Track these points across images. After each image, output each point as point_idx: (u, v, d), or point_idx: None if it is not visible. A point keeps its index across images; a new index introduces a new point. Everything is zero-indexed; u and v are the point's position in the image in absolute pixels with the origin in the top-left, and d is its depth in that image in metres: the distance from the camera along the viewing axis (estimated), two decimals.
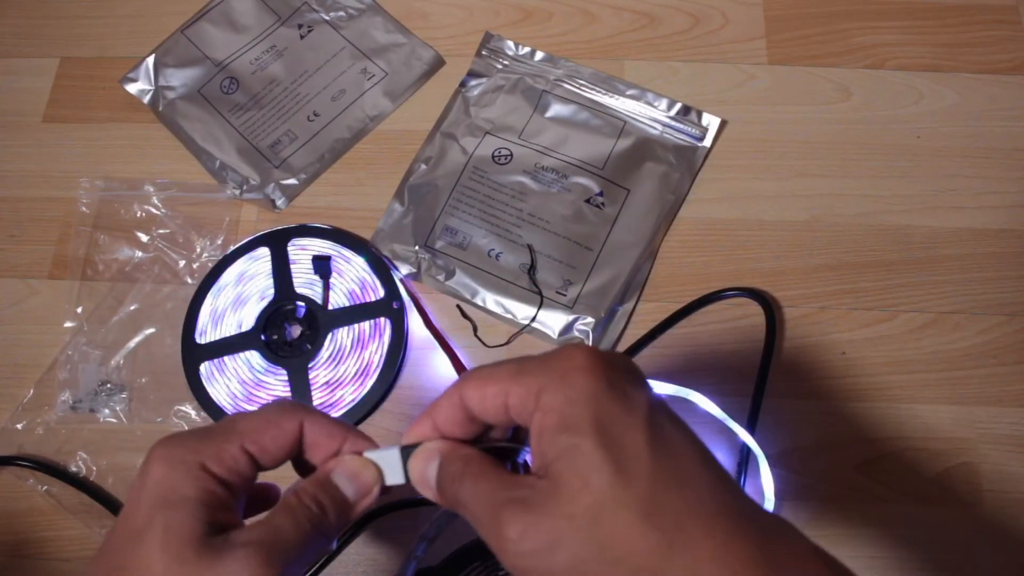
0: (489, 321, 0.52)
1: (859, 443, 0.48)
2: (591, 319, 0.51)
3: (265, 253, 0.53)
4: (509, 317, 0.52)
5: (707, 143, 0.56)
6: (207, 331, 0.52)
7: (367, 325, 0.51)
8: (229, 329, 0.52)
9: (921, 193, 0.54)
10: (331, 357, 0.50)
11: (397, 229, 0.55)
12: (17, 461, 0.50)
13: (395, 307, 0.51)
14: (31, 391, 0.52)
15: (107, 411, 0.51)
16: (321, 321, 0.51)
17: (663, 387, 0.47)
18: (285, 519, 0.27)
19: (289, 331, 0.51)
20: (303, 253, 0.53)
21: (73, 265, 0.55)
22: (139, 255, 0.55)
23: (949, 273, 0.52)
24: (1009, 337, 0.50)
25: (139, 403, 0.51)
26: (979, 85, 0.57)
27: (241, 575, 0.25)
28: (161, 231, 0.55)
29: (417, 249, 0.54)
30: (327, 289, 0.52)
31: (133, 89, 0.59)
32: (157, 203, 0.56)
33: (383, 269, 0.52)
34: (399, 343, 0.50)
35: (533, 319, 0.52)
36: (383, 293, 0.51)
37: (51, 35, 0.62)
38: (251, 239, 0.54)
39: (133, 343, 0.52)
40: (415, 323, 0.52)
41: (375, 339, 0.51)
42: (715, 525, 0.23)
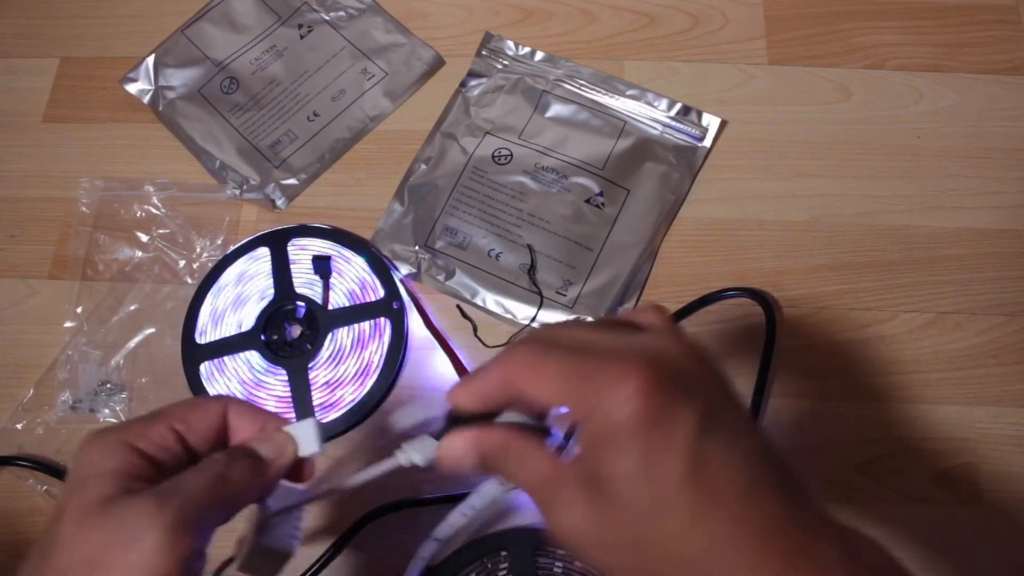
0: (489, 321, 0.52)
1: (859, 443, 0.48)
2: (591, 319, 0.51)
3: (265, 253, 0.53)
4: (509, 317, 0.52)
5: (707, 143, 0.56)
6: (207, 331, 0.52)
7: (367, 325, 0.51)
8: (229, 329, 0.52)
9: (921, 193, 0.54)
10: (331, 357, 0.50)
11: (397, 229, 0.55)
12: (17, 461, 0.50)
13: (395, 307, 0.51)
14: (31, 391, 0.52)
15: (107, 411, 0.51)
16: (321, 321, 0.51)
17: None
18: (189, 471, 0.29)
19: (289, 331, 0.51)
20: (303, 253, 0.53)
21: (73, 265, 0.55)
22: (139, 255, 0.55)
23: (949, 273, 0.52)
24: (1009, 337, 0.50)
25: (139, 403, 0.51)
26: (979, 85, 0.57)
27: (134, 521, 0.26)
28: (161, 231, 0.55)
29: (417, 249, 0.54)
30: (327, 289, 0.52)
31: (133, 89, 0.59)
32: (157, 203, 0.56)
33: (383, 269, 0.52)
34: (399, 343, 0.50)
35: (533, 319, 0.52)
36: (383, 293, 0.51)
37: (51, 35, 0.62)
38: (251, 239, 0.54)
39: (133, 343, 0.52)
40: (415, 323, 0.52)
41: (375, 339, 0.51)
42: (745, 550, 0.25)
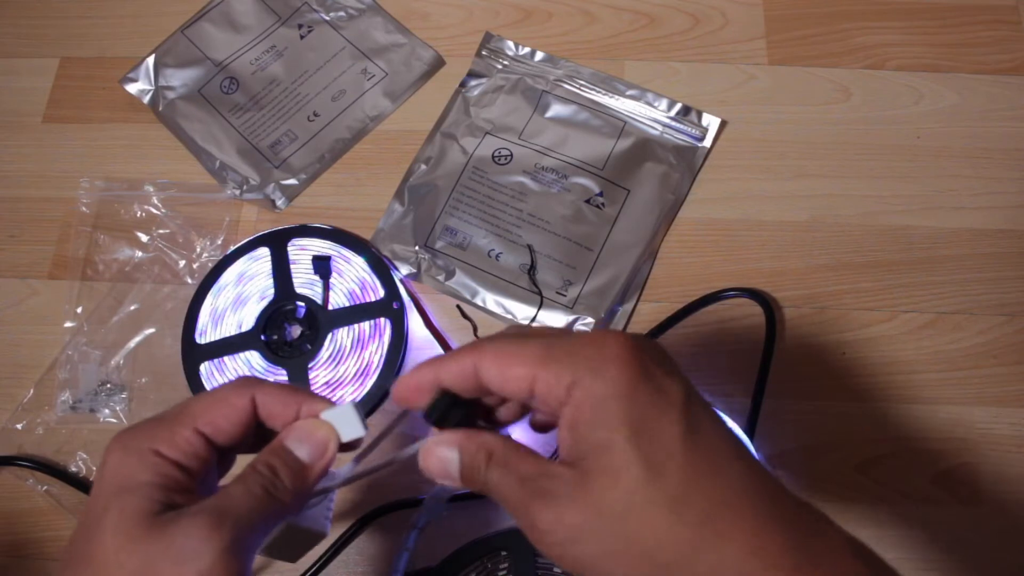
0: (489, 321, 0.52)
1: (859, 443, 0.48)
2: (591, 319, 0.51)
3: (265, 253, 0.53)
4: (509, 317, 0.52)
5: (707, 143, 0.56)
6: (207, 331, 0.52)
7: (367, 325, 0.51)
8: (229, 329, 0.52)
9: (921, 193, 0.54)
10: (331, 357, 0.50)
11: (397, 229, 0.55)
12: (17, 461, 0.50)
13: (395, 307, 0.51)
14: (31, 391, 0.52)
15: (107, 411, 0.51)
16: (321, 321, 0.51)
17: None
18: (236, 487, 0.28)
19: (289, 331, 0.51)
20: (303, 253, 0.53)
21: (73, 265, 0.55)
22: (139, 255, 0.55)
23: (949, 273, 0.52)
24: (1009, 337, 0.50)
25: (139, 403, 0.51)
26: (979, 85, 0.57)
27: (189, 542, 0.25)
28: (161, 231, 0.55)
29: (417, 249, 0.54)
30: (327, 289, 0.52)
31: (133, 89, 0.59)
32: (157, 203, 0.56)
33: (383, 269, 0.52)
34: (399, 343, 0.50)
35: (533, 319, 0.52)
36: (383, 293, 0.51)
37: (51, 35, 0.62)
38: (251, 239, 0.54)
39: (133, 343, 0.52)
40: (415, 323, 0.52)
41: (375, 339, 0.51)
42: (746, 517, 0.24)
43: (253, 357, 0.51)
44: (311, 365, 0.50)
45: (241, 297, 0.52)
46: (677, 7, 0.61)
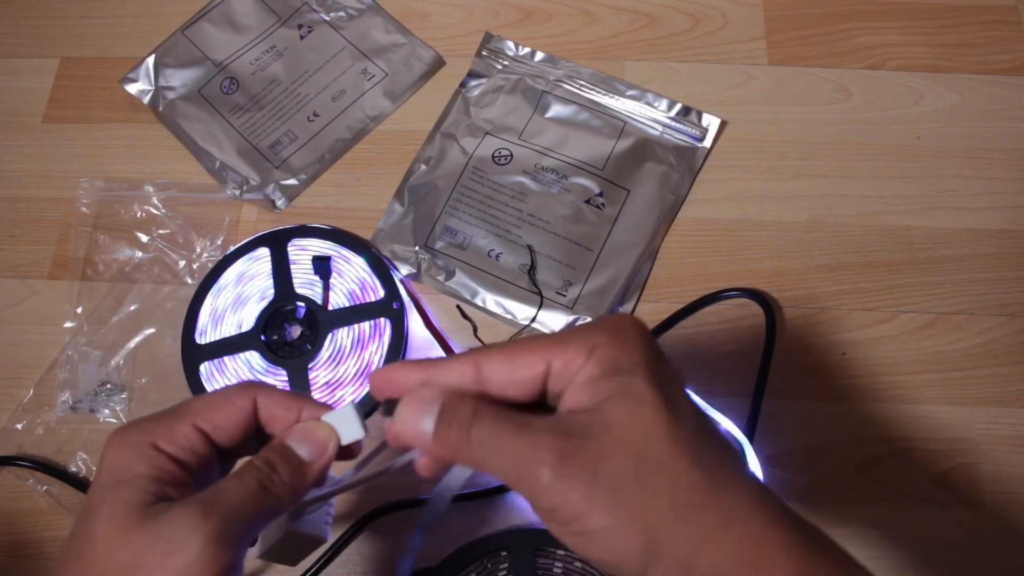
0: (489, 321, 0.52)
1: (859, 443, 0.48)
2: (591, 320, 0.51)
3: (265, 253, 0.53)
4: (509, 318, 0.52)
5: (707, 143, 0.56)
6: (207, 331, 0.52)
7: (367, 325, 0.51)
8: (229, 329, 0.52)
9: (921, 193, 0.54)
10: (331, 357, 0.50)
11: (397, 229, 0.55)
12: (17, 461, 0.50)
13: (395, 307, 0.51)
14: (31, 391, 0.52)
15: (107, 411, 0.51)
16: (321, 321, 0.51)
17: None
18: (230, 480, 0.28)
19: (289, 331, 0.51)
20: (303, 253, 0.53)
21: (73, 265, 0.55)
22: (139, 255, 0.55)
23: (949, 273, 0.52)
24: (1009, 337, 0.50)
25: (139, 403, 0.51)
26: (979, 85, 0.57)
27: (177, 533, 0.25)
28: (161, 231, 0.55)
29: (417, 249, 0.54)
30: (327, 289, 0.52)
31: (133, 89, 0.59)
32: (157, 203, 0.56)
33: (383, 269, 0.52)
34: (399, 343, 0.50)
35: (533, 320, 0.52)
36: (383, 293, 0.51)
37: (51, 35, 0.62)
38: (251, 239, 0.54)
39: (133, 343, 0.52)
40: (415, 323, 0.52)
41: (375, 339, 0.51)
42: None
43: (253, 357, 0.51)
44: (311, 365, 0.50)
45: (241, 297, 0.52)
46: (677, 7, 0.61)
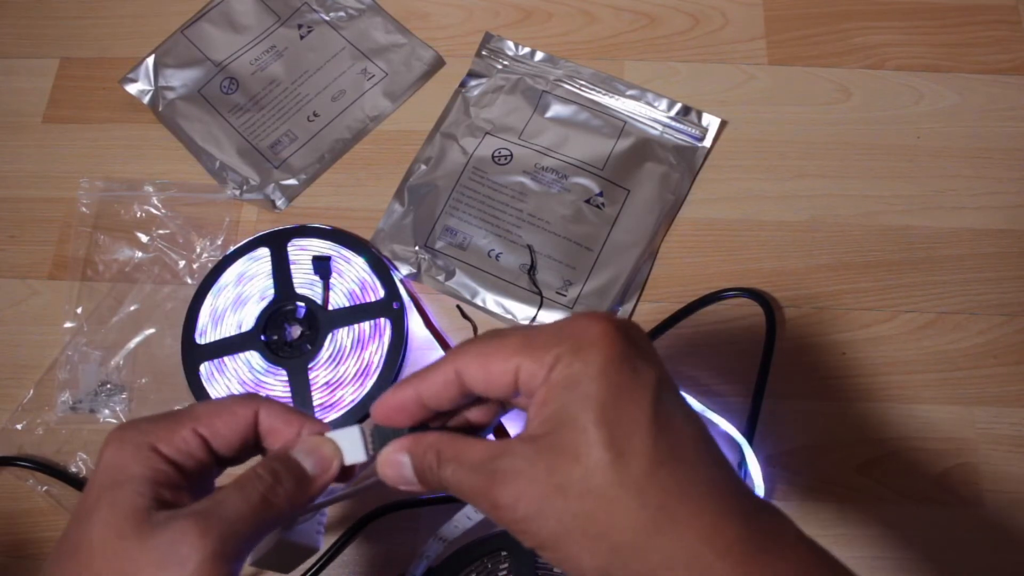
0: (489, 321, 0.52)
1: (859, 443, 0.48)
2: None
3: (265, 253, 0.53)
4: (509, 317, 0.52)
5: (707, 143, 0.56)
6: (207, 331, 0.52)
7: (367, 325, 0.51)
8: (229, 329, 0.52)
9: (921, 193, 0.54)
10: (331, 357, 0.50)
11: (397, 229, 0.55)
12: (17, 461, 0.50)
13: (395, 307, 0.51)
14: (31, 391, 0.52)
15: (107, 411, 0.51)
16: (321, 321, 0.51)
17: None
18: (233, 491, 0.27)
19: (289, 331, 0.51)
20: (303, 253, 0.53)
21: (73, 265, 0.55)
22: (139, 255, 0.55)
23: (949, 273, 0.52)
24: (1009, 337, 0.50)
25: (139, 403, 0.51)
26: (979, 85, 0.57)
27: (177, 545, 0.25)
28: (161, 231, 0.55)
29: (417, 249, 0.54)
30: (327, 289, 0.52)
31: (133, 89, 0.59)
32: (157, 203, 0.56)
33: (383, 269, 0.52)
34: (399, 343, 0.50)
35: (533, 319, 0.52)
36: (383, 293, 0.51)
37: (51, 35, 0.62)
38: (251, 239, 0.54)
39: (133, 343, 0.52)
40: (415, 323, 0.52)
41: (375, 339, 0.51)
42: (704, 504, 0.24)
43: (253, 357, 0.51)
44: (311, 365, 0.50)
45: (241, 297, 0.52)
46: (677, 7, 0.61)
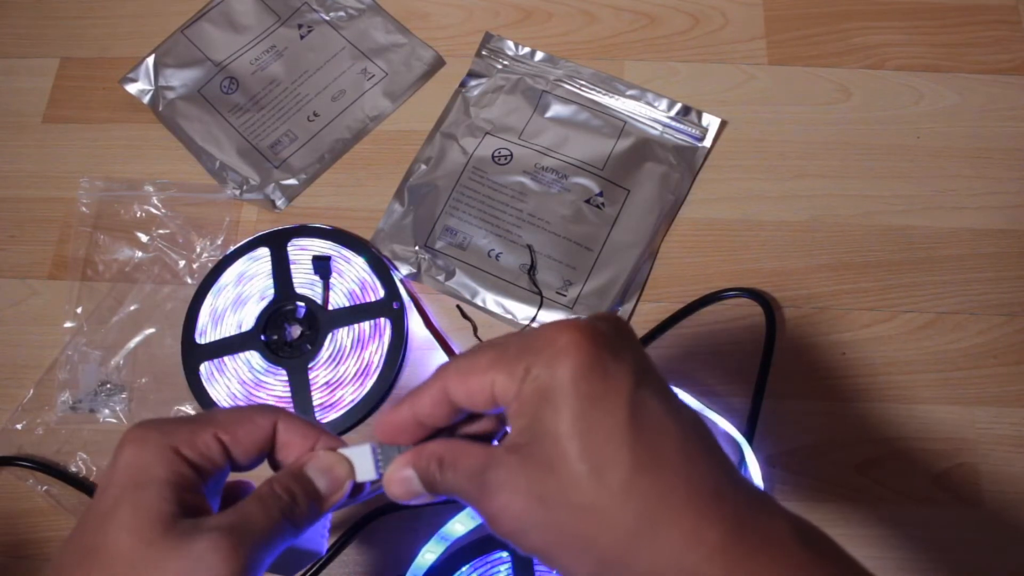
0: (489, 321, 0.52)
1: (859, 443, 0.48)
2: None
3: (265, 253, 0.53)
4: (509, 317, 0.52)
5: (707, 143, 0.56)
6: (207, 331, 0.52)
7: (367, 325, 0.51)
8: (229, 329, 0.52)
9: (921, 193, 0.54)
10: (331, 357, 0.50)
11: (397, 229, 0.55)
12: (17, 461, 0.50)
13: (395, 307, 0.51)
14: (31, 391, 0.52)
15: (107, 411, 0.51)
16: (321, 321, 0.51)
17: None
18: (256, 507, 0.28)
19: (289, 331, 0.51)
20: (303, 253, 0.53)
21: (73, 265, 0.55)
22: (139, 255, 0.55)
23: (949, 273, 0.52)
24: (1009, 337, 0.50)
25: (139, 403, 0.51)
26: (979, 85, 0.57)
27: (207, 559, 0.25)
28: (161, 231, 0.55)
29: (417, 249, 0.54)
30: (327, 289, 0.52)
31: (133, 89, 0.59)
32: (157, 203, 0.56)
33: (383, 269, 0.52)
34: (399, 343, 0.50)
35: (533, 319, 0.52)
36: (383, 293, 0.51)
37: (51, 35, 0.62)
38: (251, 239, 0.54)
39: (133, 343, 0.52)
40: (415, 323, 0.52)
41: (375, 339, 0.51)
42: (686, 510, 0.24)
43: (253, 357, 0.51)
44: (311, 365, 0.50)
45: (241, 297, 0.52)
46: (677, 7, 0.61)
